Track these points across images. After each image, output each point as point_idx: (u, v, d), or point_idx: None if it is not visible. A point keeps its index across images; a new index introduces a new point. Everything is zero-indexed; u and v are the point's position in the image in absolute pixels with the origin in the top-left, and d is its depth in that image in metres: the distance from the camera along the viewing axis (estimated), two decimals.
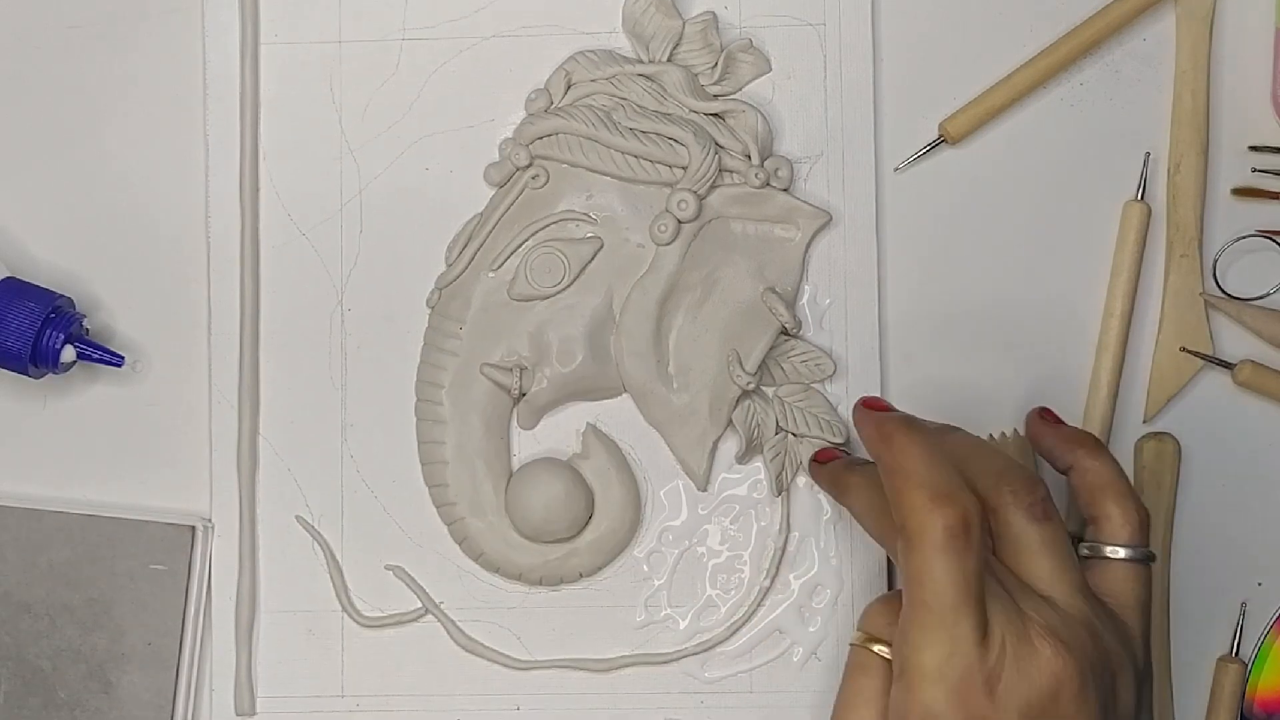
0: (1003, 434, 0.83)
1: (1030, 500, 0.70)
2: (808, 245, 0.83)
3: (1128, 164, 0.84)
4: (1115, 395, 0.83)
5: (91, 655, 0.83)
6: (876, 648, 0.69)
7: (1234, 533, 0.83)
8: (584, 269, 0.83)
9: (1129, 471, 0.82)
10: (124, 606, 0.83)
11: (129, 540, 0.83)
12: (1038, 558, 0.69)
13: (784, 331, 0.82)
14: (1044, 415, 0.78)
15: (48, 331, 0.81)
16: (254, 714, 0.83)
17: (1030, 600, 0.68)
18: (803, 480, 0.83)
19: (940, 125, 0.84)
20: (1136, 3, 0.83)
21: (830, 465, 0.79)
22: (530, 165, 0.83)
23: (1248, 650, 0.82)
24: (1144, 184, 0.83)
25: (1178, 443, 0.82)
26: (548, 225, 0.83)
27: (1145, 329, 0.84)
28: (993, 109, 0.83)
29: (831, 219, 0.83)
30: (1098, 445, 0.75)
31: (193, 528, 0.83)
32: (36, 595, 0.83)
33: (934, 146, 0.84)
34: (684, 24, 0.84)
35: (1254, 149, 0.84)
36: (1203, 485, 0.83)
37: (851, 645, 0.71)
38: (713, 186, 0.82)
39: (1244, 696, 0.81)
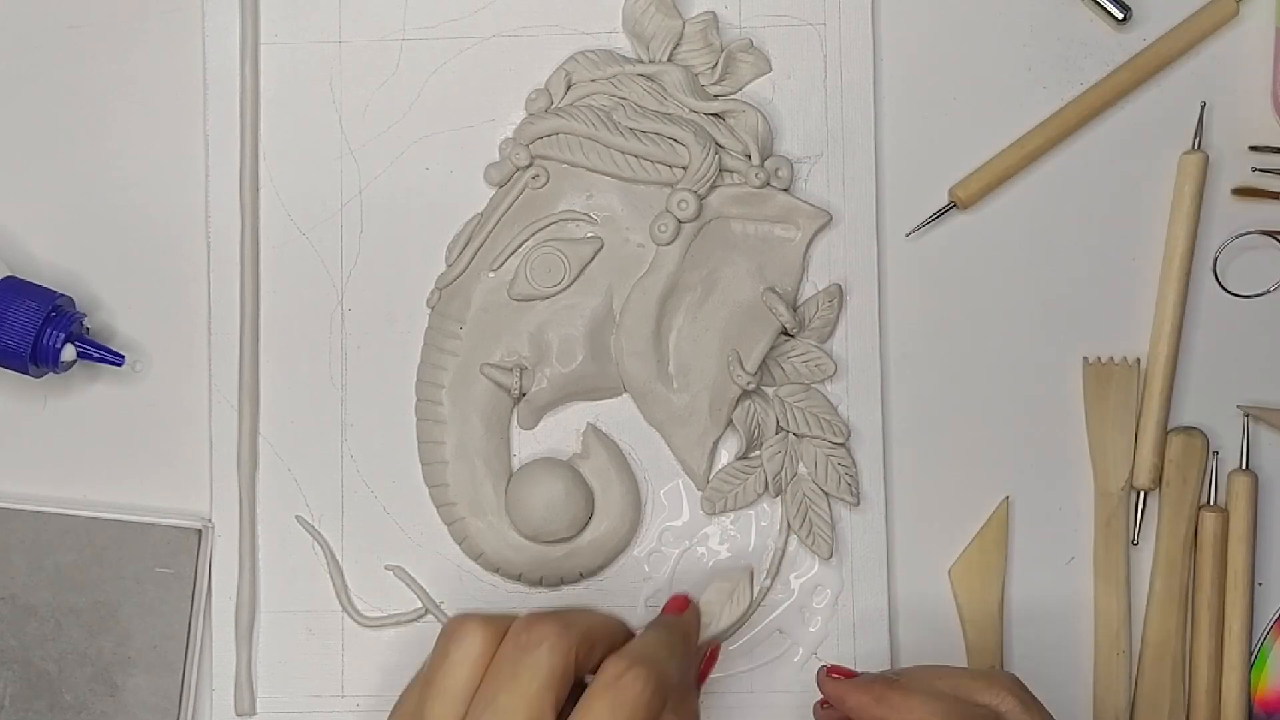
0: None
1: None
2: (808, 245, 0.83)
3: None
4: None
5: (97, 658, 0.83)
6: None
7: None
8: (584, 269, 0.83)
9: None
10: (130, 610, 0.83)
11: (135, 543, 0.83)
12: None
13: (784, 331, 0.82)
14: (833, 673, 0.76)
15: (48, 331, 0.81)
16: (254, 714, 0.83)
17: None
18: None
19: (950, 191, 0.83)
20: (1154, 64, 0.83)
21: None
22: (530, 165, 0.83)
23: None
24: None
25: (1206, 438, 0.82)
26: (548, 225, 0.83)
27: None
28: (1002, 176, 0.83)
29: (831, 219, 0.83)
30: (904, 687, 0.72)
31: (199, 531, 0.83)
32: (43, 598, 0.83)
33: (944, 213, 0.83)
34: (684, 24, 0.84)
35: (1254, 149, 0.84)
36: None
37: None
38: (713, 186, 0.82)
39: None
